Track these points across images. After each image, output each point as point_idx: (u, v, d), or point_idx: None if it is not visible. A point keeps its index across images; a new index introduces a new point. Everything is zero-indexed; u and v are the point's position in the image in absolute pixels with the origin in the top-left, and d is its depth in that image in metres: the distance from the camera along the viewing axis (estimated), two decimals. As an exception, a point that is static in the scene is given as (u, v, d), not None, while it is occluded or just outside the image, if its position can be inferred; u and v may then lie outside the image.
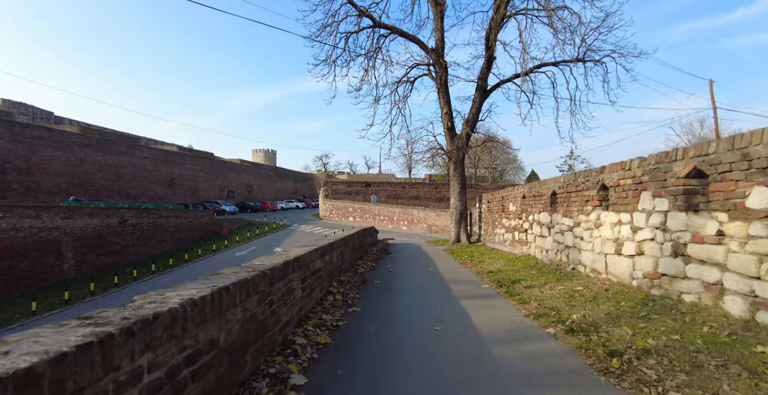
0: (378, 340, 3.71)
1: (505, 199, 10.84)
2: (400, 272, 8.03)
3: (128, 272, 19.05)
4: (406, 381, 2.80)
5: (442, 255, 11.48)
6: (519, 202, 9.52)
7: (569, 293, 5.22)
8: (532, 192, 8.61)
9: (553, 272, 6.71)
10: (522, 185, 9.51)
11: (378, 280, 6.88)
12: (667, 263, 4.19)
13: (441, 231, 30.96)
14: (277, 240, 27.16)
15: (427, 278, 7.21)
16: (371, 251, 11.64)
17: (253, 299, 2.72)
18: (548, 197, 7.64)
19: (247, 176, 55.19)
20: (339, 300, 5.05)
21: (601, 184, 5.67)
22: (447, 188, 47.15)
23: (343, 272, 6.86)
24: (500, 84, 13.65)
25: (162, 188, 41.23)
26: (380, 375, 2.89)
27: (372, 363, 3.13)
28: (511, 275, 7.01)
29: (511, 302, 5.22)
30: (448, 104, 13.39)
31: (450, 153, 13.50)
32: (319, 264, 4.88)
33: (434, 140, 14.02)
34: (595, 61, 13.32)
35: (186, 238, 28.07)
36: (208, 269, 19.27)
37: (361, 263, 8.58)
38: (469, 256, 10.39)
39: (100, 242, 20.63)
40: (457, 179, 13.71)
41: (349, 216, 36.73)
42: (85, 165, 33.00)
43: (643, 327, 3.62)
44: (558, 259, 7.15)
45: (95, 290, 16.22)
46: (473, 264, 9.03)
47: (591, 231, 5.93)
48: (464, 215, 13.83)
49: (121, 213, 22.21)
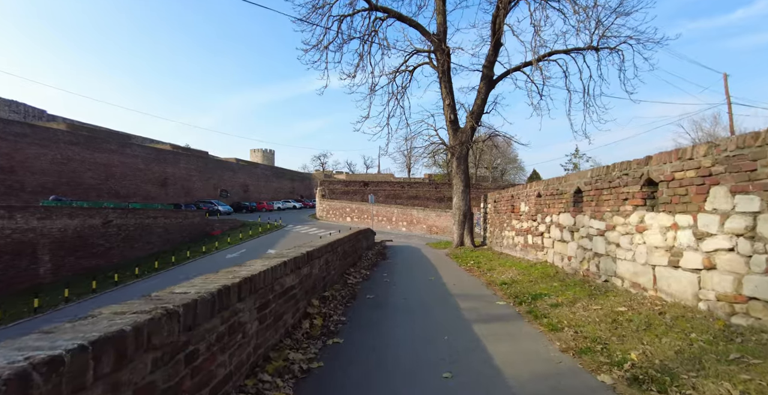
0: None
1: (515, 198, 9.74)
2: (398, 282, 6.91)
3: (110, 277, 17.90)
4: None
5: (444, 260, 10.37)
6: (533, 201, 8.42)
7: (610, 315, 4.11)
8: (550, 190, 7.50)
9: (580, 285, 5.61)
10: (536, 182, 8.41)
11: (371, 294, 5.77)
12: (760, 283, 3.09)
13: (441, 232, 29.85)
14: (271, 242, 26.06)
15: (430, 292, 6.09)
16: (366, 256, 10.53)
17: (144, 360, 1.60)
18: (571, 195, 6.53)
19: (243, 176, 54.04)
20: (318, 325, 3.94)
21: (646, 178, 4.56)
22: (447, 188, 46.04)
23: (329, 284, 5.75)
24: (508, 73, 12.56)
25: (154, 187, 40.06)
26: None
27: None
28: (530, 288, 5.90)
29: (537, 327, 4.10)
30: (450, 94, 12.28)
31: (453, 148, 12.39)
32: (291, 281, 3.77)
33: (435, 134, 12.92)
34: (611, 48, 12.23)
35: (176, 239, 26.93)
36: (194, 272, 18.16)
37: (352, 272, 7.46)
38: (476, 262, 9.28)
39: (81, 244, 19.48)
40: (460, 176, 12.60)
41: (347, 217, 35.63)
42: (73, 164, 31.84)
43: (746, 379, 2.51)
44: (584, 268, 6.04)
45: (70, 297, 15.08)
46: (481, 272, 7.91)
47: (631, 237, 4.82)
48: (468, 216, 12.72)
49: (105, 213, 21.07)
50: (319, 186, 41.75)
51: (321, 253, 5.20)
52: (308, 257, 4.39)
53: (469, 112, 12.14)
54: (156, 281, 17.83)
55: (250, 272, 2.86)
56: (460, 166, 12.48)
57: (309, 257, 4.44)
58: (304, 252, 4.23)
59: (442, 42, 11.61)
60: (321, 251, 5.20)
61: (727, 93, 21.17)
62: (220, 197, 44.45)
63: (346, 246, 7.85)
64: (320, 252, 5.13)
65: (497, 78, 12.50)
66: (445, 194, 44.57)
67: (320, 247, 5.17)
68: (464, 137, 12.29)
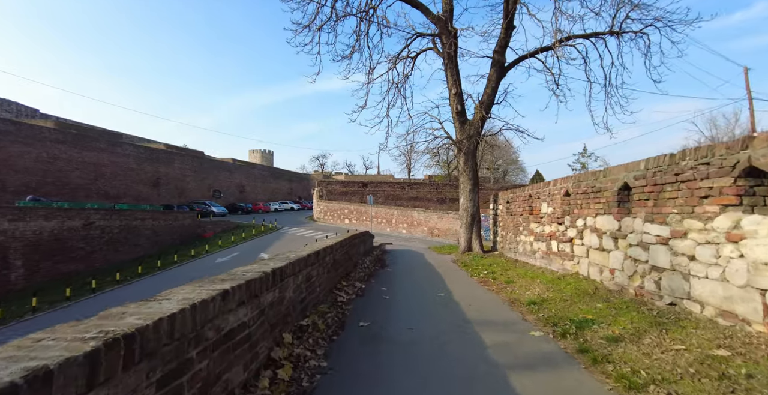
0: None
1: (534, 198, 8.47)
2: (400, 300, 5.64)
3: (88, 283, 16.60)
4: None
5: (452, 269, 9.09)
6: (558, 201, 7.15)
7: (707, 363, 2.84)
8: (582, 187, 6.24)
9: (634, 308, 4.34)
10: (563, 178, 7.14)
11: (365, 320, 4.49)
12: None
13: (443, 235, 28.57)
14: (264, 245, 24.80)
15: (440, 315, 4.81)
16: (363, 263, 9.26)
17: None
18: (614, 193, 5.27)
19: (239, 176, 52.78)
20: (284, 381, 2.66)
21: (746, 167, 3.30)
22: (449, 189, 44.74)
23: (311, 306, 4.48)
24: (521, 60, 11.31)
25: (146, 187, 38.77)
26: None
27: None
28: (567, 311, 4.63)
29: (604, 380, 2.83)
30: (457, 83, 11.03)
31: (460, 143, 11.13)
32: (242, 316, 2.50)
33: (440, 127, 11.63)
34: (635, 32, 11.00)
35: (165, 241, 25.63)
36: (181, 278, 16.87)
37: (344, 286, 6.18)
38: (489, 271, 8.00)
39: (58, 248, 18.19)
40: (468, 174, 11.32)
41: (345, 218, 34.36)
42: (59, 163, 30.56)
43: None
44: (636, 285, 4.77)
45: (41, 305, 13.78)
46: (499, 286, 6.63)
47: (717, 247, 3.56)
48: (477, 218, 11.44)
49: (87, 215, 19.78)
50: (316, 187, 40.51)
51: (299, 267, 3.93)
52: (275, 277, 3.13)
53: (479, 101, 10.88)
54: (137, 288, 16.54)
55: (143, 320, 1.59)
56: (467, 162, 11.21)
57: (277, 276, 3.18)
58: (268, 271, 2.96)
59: (449, 22, 10.36)
60: (299, 265, 3.93)
61: (747, 88, 19.95)
62: (213, 197, 43.14)
63: (338, 254, 6.59)
64: (298, 266, 3.86)
65: (509, 65, 11.25)
66: (447, 195, 43.30)
67: (298, 259, 3.90)
68: (472, 131, 11.03)
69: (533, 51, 11.19)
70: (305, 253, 4.32)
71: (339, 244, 6.70)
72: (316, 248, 5.03)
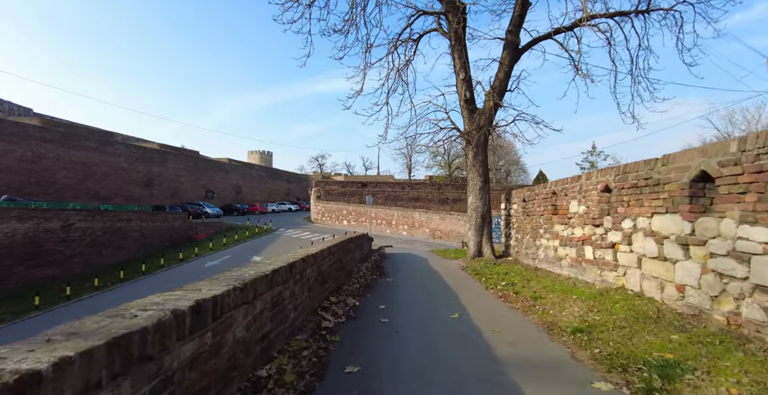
0: None
1: (560, 195, 7.20)
2: (402, 326, 4.36)
3: (63, 290, 15.32)
4: None
5: (463, 279, 7.82)
6: (595, 198, 5.89)
7: None
8: (631, 180, 4.97)
9: (735, 346, 3.08)
10: (601, 170, 5.88)
11: (353, 363, 3.20)
12: None
13: (446, 237, 27.30)
14: (258, 247, 23.55)
15: (459, 353, 3.54)
16: (358, 271, 8.00)
17: None
18: (684, 184, 4.01)
19: (235, 177, 51.52)
20: None
21: None
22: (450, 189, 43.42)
23: (281, 341, 3.22)
24: (536, 41, 10.07)
25: (138, 188, 37.50)
26: None
27: None
28: (632, 345, 3.38)
29: None
30: (465, 66, 9.79)
31: (469, 135, 9.87)
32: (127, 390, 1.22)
33: (447, 117, 10.37)
34: (666, 9, 9.77)
35: (153, 244, 24.36)
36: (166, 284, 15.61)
37: (332, 305, 4.91)
38: (509, 283, 6.73)
39: (34, 252, 16.91)
40: (477, 170, 10.05)
41: (343, 219, 33.11)
42: (46, 162, 29.30)
43: None
44: (727, 311, 3.50)
45: (3, 316, 12.51)
46: (525, 303, 5.36)
47: None
48: (488, 220, 10.17)
49: (66, 216, 18.52)
50: (314, 187, 39.26)
51: (258, 290, 2.67)
52: (201, 317, 1.86)
53: (491, 86, 9.62)
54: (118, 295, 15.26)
55: None
56: (477, 156, 9.95)
57: (205, 314, 1.91)
58: (182, 309, 1.69)
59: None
60: (258, 287, 2.67)
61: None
62: (206, 197, 41.85)
63: (326, 264, 5.33)
64: (253, 290, 2.60)
65: (524, 47, 10.00)
66: (449, 195, 42.02)
67: (256, 279, 2.64)
68: (483, 120, 9.78)
69: (550, 32, 9.95)
70: (269, 268, 3.06)
71: (328, 251, 5.43)
72: (289, 259, 3.76)
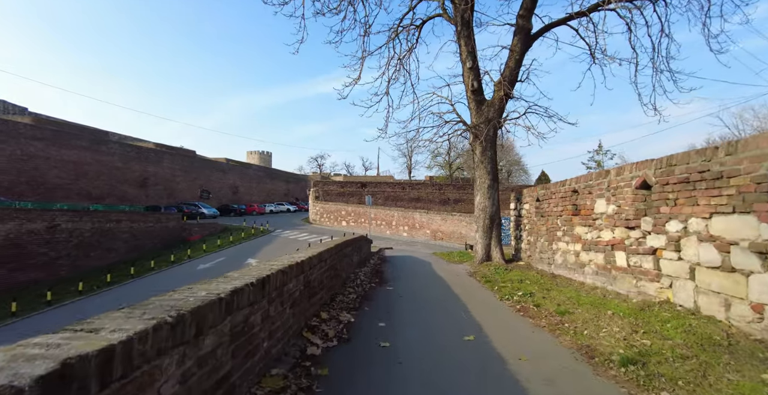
0: None
1: (582, 193, 6.39)
2: (406, 352, 3.54)
3: (43, 295, 14.49)
4: None
5: (472, 288, 7.00)
6: (629, 196, 5.07)
7: None
8: (680, 173, 4.16)
9: None
10: (636, 164, 5.06)
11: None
12: None
13: (447, 238, 26.48)
14: (253, 249, 22.74)
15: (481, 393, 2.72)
16: (355, 279, 7.18)
17: None
18: (763, 177, 3.20)
19: (233, 177, 50.71)
20: None
21: None
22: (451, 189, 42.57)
23: (249, 379, 2.40)
24: (550, 27, 9.27)
25: (133, 188, 36.67)
26: None
27: None
28: (714, 389, 2.56)
29: None
30: (473, 54, 8.98)
31: (476, 128, 9.06)
32: None
33: (452, 109, 9.55)
34: (691, -8, 8.97)
35: (145, 246, 23.53)
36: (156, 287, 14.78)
37: (323, 322, 4.09)
38: (526, 293, 5.90)
39: (16, 254, 16.09)
40: (486, 167, 9.24)
41: (342, 220, 32.29)
42: (36, 161, 28.48)
43: None
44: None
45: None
46: (550, 319, 4.54)
47: None
48: (497, 221, 9.35)
49: (51, 216, 17.70)
50: (312, 187, 38.45)
51: (209, 319, 1.85)
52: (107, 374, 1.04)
53: (501, 74, 8.81)
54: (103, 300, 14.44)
55: None
56: (485, 152, 9.14)
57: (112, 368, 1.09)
58: (43, 373, 0.87)
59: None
60: (212, 312, 1.85)
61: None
62: (200, 197, 41.01)
63: (315, 273, 4.51)
64: (204, 319, 1.78)
65: (536, 33, 9.21)
66: (450, 195, 41.19)
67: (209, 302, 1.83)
68: (492, 113, 8.97)
69: (565, 17, 9.15)
70: (228, 287, 2.24)
71: (318, 258, 4.61)
72: (264, 271, 2.94)
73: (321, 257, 4.81)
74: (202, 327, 1.87)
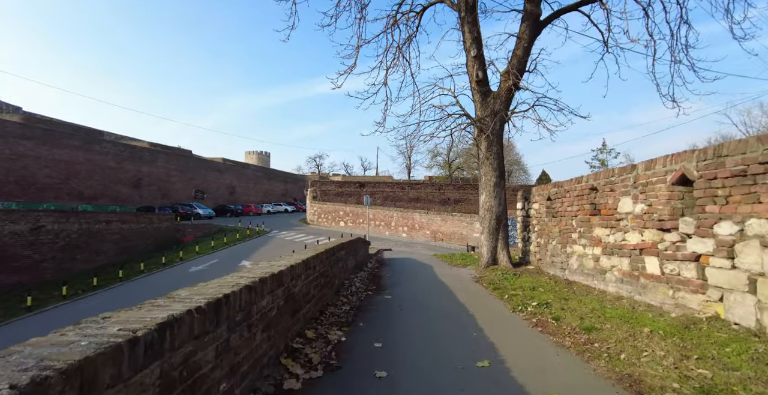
0: None
1: (603, 190, 5.72)
2: (408, 385, 2.87)
3: (24, 300, 13.77)
4: None
5: (479, 296, 6.32)
6: (663, 193, 4.40)
7: None
8: (732, 166, 3.49)
9: None
10: (671, 156, 4.38)
11: None
12: None
13: (447, 239, 25.81)
14: (248, 251, 22.03)
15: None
16: (350, 286, 6.50)
17: None
18: None
19: (229, 177, 49.97)
20: None
21: None
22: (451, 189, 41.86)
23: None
24: (559, 14, 8.62)
25: (126, 188, 35.93)
26: None
27: None
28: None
29: None
30: (477, 41, 8.33)
31: (481, 122, 8.40)
32: None
33: (455, 102, 8.88)
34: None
35: (136, 247, 22.82)
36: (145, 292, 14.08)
37: (309, 343, 3.40)
38: (541, 302, 5.22)
39: (-3, 256, 15.38)
40: (491, 163, 8.58)
41: (340, 221, 31.60)
42: (26, 160, 27.76)
43: None
44: None
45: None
46: (575, 338, 3.86)
47: None
48: (504, 222, 8.68)
49: (36, 217, 16.98)
50: (309, 187, 37.75)
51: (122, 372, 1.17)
52: None
53: (509, 63, 8.15)
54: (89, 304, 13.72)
55: None
56: (491, 147, 8.48)
57: None
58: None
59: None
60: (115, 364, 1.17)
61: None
62: (195, 197, 40.27)
63: (300, 284, 3.82)
64: (103, 377, 1.10)
65: (545, 19, 8.56)
66: (450, 195, 40.52)
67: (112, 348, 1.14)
68: (498, 105, 8.31)
69: (576, 2, 8.50)
70: (154, 320, 1.57)
71: (303, 265, 3.93)
72: (224, 288, 2.26)
73: (307, 264, 4.12)
74: (89, 391, 1.19)
